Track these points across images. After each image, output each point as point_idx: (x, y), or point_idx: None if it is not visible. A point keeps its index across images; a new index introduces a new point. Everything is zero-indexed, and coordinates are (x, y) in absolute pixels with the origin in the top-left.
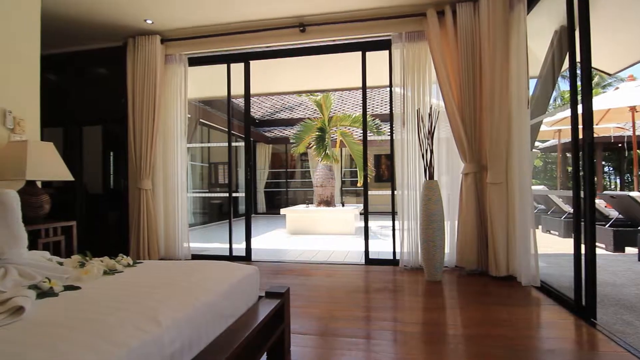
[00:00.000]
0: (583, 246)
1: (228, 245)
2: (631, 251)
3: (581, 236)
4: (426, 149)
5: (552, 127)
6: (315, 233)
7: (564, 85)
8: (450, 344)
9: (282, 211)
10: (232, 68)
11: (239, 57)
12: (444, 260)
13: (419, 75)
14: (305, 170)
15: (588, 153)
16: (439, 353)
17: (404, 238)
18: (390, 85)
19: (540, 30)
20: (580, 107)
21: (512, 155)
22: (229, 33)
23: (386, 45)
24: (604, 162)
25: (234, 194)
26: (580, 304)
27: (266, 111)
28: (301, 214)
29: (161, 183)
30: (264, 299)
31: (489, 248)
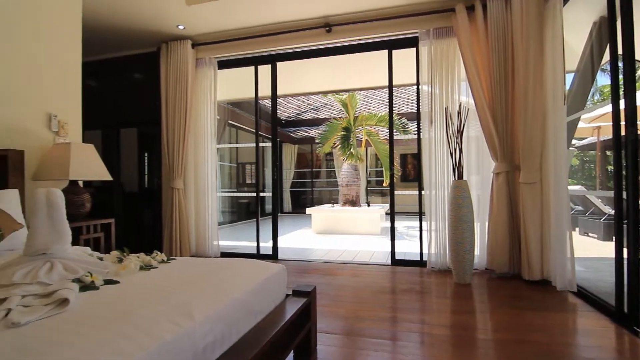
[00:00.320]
0: (625, 250)
1: (255, 244)
2: None
3: (623, 239)
4: (455, 147)
5: (590, 123)
6: (341, 233)
7: (603, 80)
8: (481, 348)
9: (308, 210)
10: (260, 70)
11: (266, 59)
12: (473, 262)
13: (447, 73)
14: (330, 170)
15: (631, 151)
16: (468, 357)
17: (431, 239)
18: (418, 83)
19: (578, 22)
20: (622, 102)
21: (547, 153)
22: (256, 36)
23: (413, 42)
24: None
25: (261, 194)
26: (622, 311)
27: (292, 112)
28: (327, 213)
29: (192, 182)
30: (291, 297)
31: (521, 250)
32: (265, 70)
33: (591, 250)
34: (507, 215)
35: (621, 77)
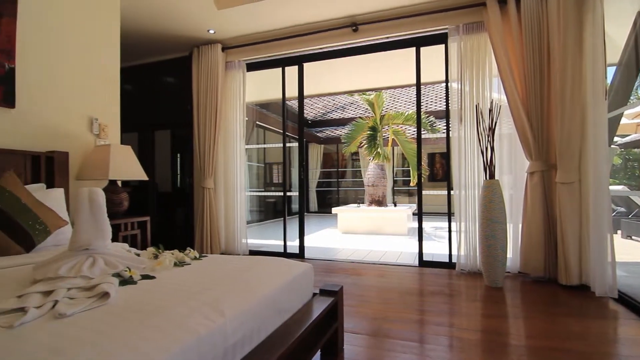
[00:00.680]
0: None
1: (282, 242)
2: None
3: None
4: (486, 146)
5: (634, 119)
6: (367, 233)
7: None
8: (513, 355)
9: (334, 210)
10: (287, 71)
11: (293, 60)
12: (506, 265)
13: (477, 69)
14: (356, 170)
15: None
16: None
17: (461, 240)
18: (447, 81)
19: (620, 12)
20: None
21: (587, 151)
22: (284, 37)
23: (442, 39)
24: None
25: (287, 193)
26: None
27: (318, 112)
28: (353, 213)
29: (222, 182)
30: (318, 296)
31: (558, 254)
32: (292, 71)
33: (635, 254)
34: (543, 217)
35: None
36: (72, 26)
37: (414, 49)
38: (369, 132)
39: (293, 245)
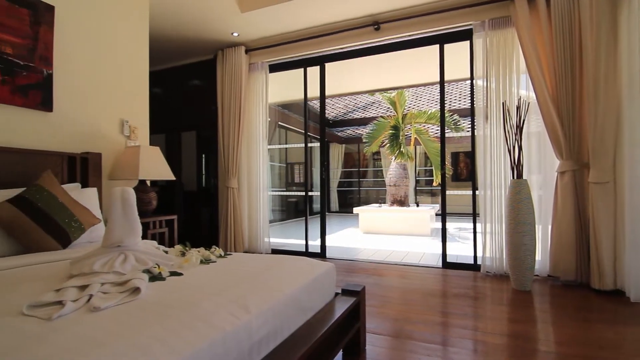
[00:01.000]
0: None
1: (304, 242)
2: None
3: None
4: (513, 145)
5: None
6: (389, 233)
7: None
8: None
9: (355, 210)
10: (308, 71)
11: (314, 61)
12: (534, 268)
13: (504, 65)
14: (377, 170)
15: None
16: None
17: (486, 242)
18: (472, 78)
19: None
20: None
21: (622, 150)
22: (305, 38)
23: (466, 35)
24: None
25: (309, 193)
26: None
27: (339, 112)
28: (374, 213)
29: (245, 182)
30: (340, 296)
31: (590, 257)
32: (313, 71)
33: None
34: (574, 218)
35: None
36: (104, 33)
37: (437, 46)
38: (391, 131)
39: (314, 244)
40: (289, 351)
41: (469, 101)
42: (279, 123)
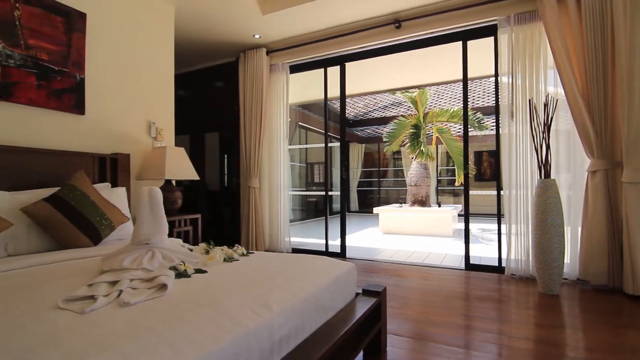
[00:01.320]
0: None
1: (324, 241)
2: None
3: None
4: (541, 143)
5: None
6: (410, 233)
7: None
8: None
9: (376, 210)
10: (329, 71)
11: (335, 61)
12: (562, 271)
13: (530, 61)
14: (398, 169)
15: None
16: None
17: (511, 243)
18: (496, 75)
19: None
20: None
21: None
22: (326, 38)
23: (491, 31)
24: None
25: (329, 193)
26: None
27: (359, 111)
28: (395, 213)
29: (266, 182)
30: (361, 296)
31: (624, 260)
32: (334, 71)
33: None
34: (606, 219)
35: None
36: (132, 39)
37: (460, 43)
38: (411, 131)
39: (334, 244)
40: (310, 350)
41: (493, 99)
42: (299, 123)
